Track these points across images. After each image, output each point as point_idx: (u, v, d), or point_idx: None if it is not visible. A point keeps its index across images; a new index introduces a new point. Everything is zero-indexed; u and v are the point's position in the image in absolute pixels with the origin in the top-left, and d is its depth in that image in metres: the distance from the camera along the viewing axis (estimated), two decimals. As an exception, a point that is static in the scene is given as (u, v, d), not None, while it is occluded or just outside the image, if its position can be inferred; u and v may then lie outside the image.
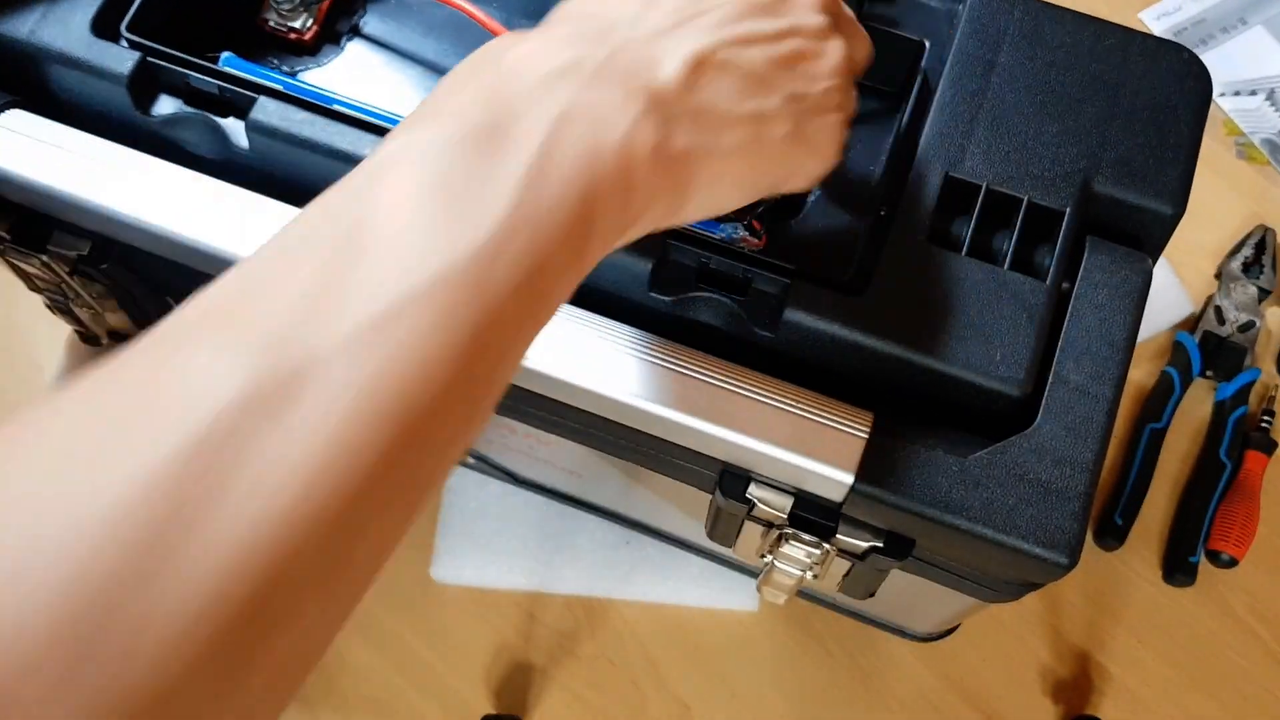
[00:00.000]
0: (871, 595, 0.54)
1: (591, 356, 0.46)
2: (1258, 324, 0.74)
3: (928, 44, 0.52)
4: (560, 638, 0.67)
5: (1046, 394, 0.45)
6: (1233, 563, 0.68)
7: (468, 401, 0.30)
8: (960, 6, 0.53)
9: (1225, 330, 0.74)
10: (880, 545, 0.47)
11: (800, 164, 0.40)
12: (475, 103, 0.33)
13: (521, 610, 0.67)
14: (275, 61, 0.54)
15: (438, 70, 0.54)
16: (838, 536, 0.47)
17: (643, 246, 0.47)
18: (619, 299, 0.49)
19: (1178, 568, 0.68)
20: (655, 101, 0.35)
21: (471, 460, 0.67)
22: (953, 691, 0.66)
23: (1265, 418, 0.73)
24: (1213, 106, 0.51)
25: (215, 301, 0.29)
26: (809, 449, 0.45)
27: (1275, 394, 0.73)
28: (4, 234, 0.51)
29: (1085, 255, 0.48)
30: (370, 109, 0.50)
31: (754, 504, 0.48)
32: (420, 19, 0.55)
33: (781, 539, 0.49)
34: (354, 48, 0.55)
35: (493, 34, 0.52)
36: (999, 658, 0.67)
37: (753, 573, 0.65)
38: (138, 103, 0.51)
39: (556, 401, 0.48)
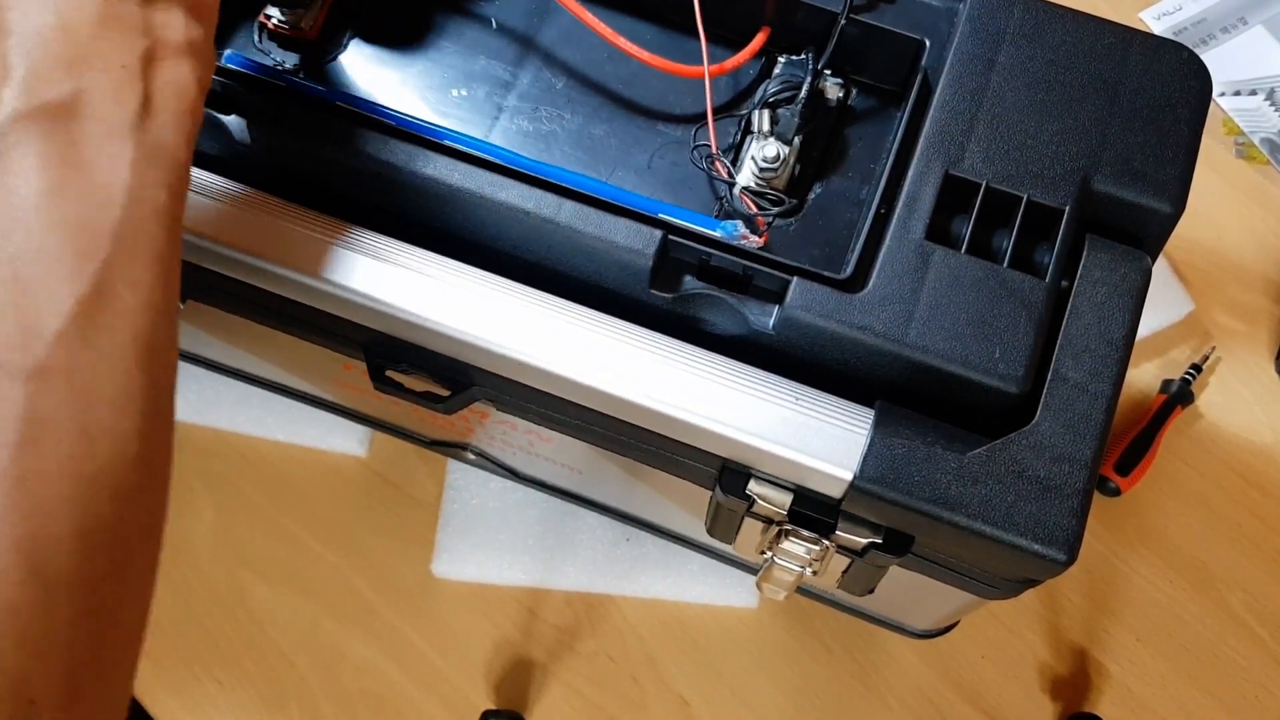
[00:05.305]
0: (870, 592, 0.54)
1: (592, 353, 0.47)
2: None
3: (928, 42, 0.52)
4: (560, 634, 0.67)
5: (1045, 391, 0.45)
6: (1116, 491, 0.70)
7: None
8: (960, 5, 0.53)
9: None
10: (879, 542, 0.47)
11: None
12: None
13: (522, 606, 0.67)
14: (278, 59, 0.54)
15: (438, 67, 0.55)
16: (837, 533, 0.48)
17: (644, 243, 0.47)
18: (620, 296, 0.49)
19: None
20: None
21: (472, 457, 0.67)
22: (951, 688, 0.66)
23: (1190, 371, 0.73)
24: (1212, 106, 0.52)
25: None
26: (809, 446, 0.45)
27: (1210, 351, 0.73)
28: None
29: (1084, 253, 0.48)
30: (372, 105, 0.51)
31: (754, 500, 0.48)
32: (422, 17, 0.56)
33: (781, 535, 0.49)
34: (356, 45, 0.55)
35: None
36: (998, 654, 0.67)
37: (752, 569, 0.66)
38: (141, 99, 0.51)
39: (557, 398, 0.48)
